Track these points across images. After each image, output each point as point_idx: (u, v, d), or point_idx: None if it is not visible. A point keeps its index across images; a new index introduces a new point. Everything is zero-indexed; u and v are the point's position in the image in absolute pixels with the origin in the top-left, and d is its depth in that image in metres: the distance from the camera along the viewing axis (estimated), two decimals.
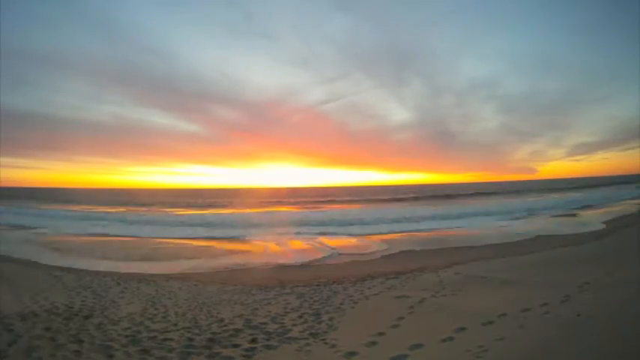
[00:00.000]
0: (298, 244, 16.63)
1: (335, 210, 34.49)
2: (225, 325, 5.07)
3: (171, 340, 4.41)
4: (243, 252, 14.85)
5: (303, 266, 11.76)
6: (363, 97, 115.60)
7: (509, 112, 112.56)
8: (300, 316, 5.50)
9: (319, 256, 13.37)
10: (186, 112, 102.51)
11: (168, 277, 9.70)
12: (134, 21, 77.73)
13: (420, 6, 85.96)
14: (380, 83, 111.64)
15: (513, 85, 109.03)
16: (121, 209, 37.04)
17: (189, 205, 44.28)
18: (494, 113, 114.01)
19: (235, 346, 4.22)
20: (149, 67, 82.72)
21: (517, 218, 23.24)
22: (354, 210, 34.38)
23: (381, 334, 4.37)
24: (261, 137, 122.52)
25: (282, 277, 9.74)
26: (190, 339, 4.45)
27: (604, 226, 17.02)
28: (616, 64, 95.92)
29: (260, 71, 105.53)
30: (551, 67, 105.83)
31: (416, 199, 51.82)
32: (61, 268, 10.44)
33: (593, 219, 20.46)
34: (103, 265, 11.63)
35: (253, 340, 4.40)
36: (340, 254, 13.64)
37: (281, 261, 12.57)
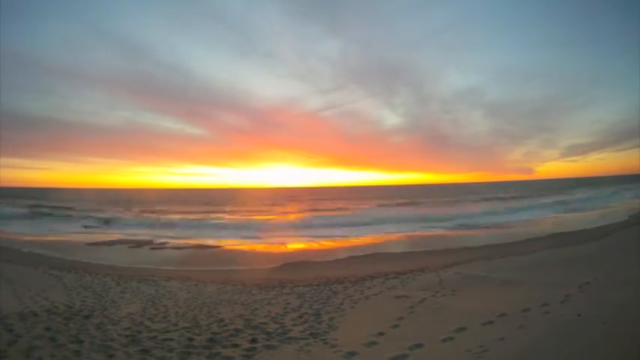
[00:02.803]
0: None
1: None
2: (225, 325, 5.07)
3: (171, 340, 4.41)
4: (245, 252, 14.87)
5: (304, 266, 11.77)
6: (357, 105, 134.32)
7: (497, 116, 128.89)
8: (300, 316, 5.50)
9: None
10: (194, 117, 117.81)
11: (168, 277, 9.69)
12: (152, 40, 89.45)
13: (403, 29, 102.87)
14: (371, 93, 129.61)
15: (497, 93, 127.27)
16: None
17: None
18: (482, 118, 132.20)
19: (235, 346, 4.22)
20: (163, 80, 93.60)
21: None
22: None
23: (381, 334, 4.37)
24: (263, 140, 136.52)
25: (282, 277, 9.74)
26: (190, 339, 4.45)
27: None
28: (593, 75, 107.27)
29: (264, 83, 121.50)
30: (531, 78, 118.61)
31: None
32: (61, 268, 10.44)
33: None
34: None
35: (253, 340, 4.40)
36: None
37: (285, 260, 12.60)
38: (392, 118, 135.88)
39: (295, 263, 12.26)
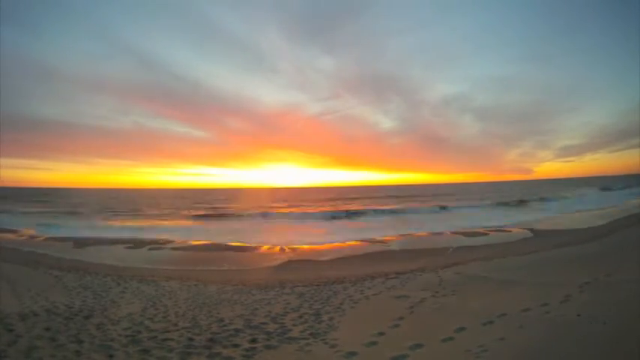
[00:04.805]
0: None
1: None
2: (225, 325, 5.07)
3: (171, 340, 4.40)
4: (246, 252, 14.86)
5: (304, 266, 11.76)
6: (353, 111, 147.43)
7: (487, 120, 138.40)
8: (300, 316, 5.50)
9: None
10: (200, 121, 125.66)
11: (168, 277, 9.69)
12: (166, 55, 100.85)
13: (392, 46, 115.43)
14: (366, 101, 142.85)
15: (484, 99, 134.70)
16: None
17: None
18: (473, 121, 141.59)
19: (235, 346, 4.22)
20: (173, 89, 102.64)
21: None
22: None
23: (381, 334, 4.37)
24: (266, 142, 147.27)
25: (282, 277, 9.74)
26: (190, 339, 4.45)
27: None
28: (572, 83, 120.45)
29: (266, 92, 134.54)
30: (513, 87, 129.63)
31: None
32: (61, 268, 10.43)
33: None
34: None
35: (253, 340, 4.40)
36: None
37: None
38: (386, 123, 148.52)
39: (295, 263, 12.26)
